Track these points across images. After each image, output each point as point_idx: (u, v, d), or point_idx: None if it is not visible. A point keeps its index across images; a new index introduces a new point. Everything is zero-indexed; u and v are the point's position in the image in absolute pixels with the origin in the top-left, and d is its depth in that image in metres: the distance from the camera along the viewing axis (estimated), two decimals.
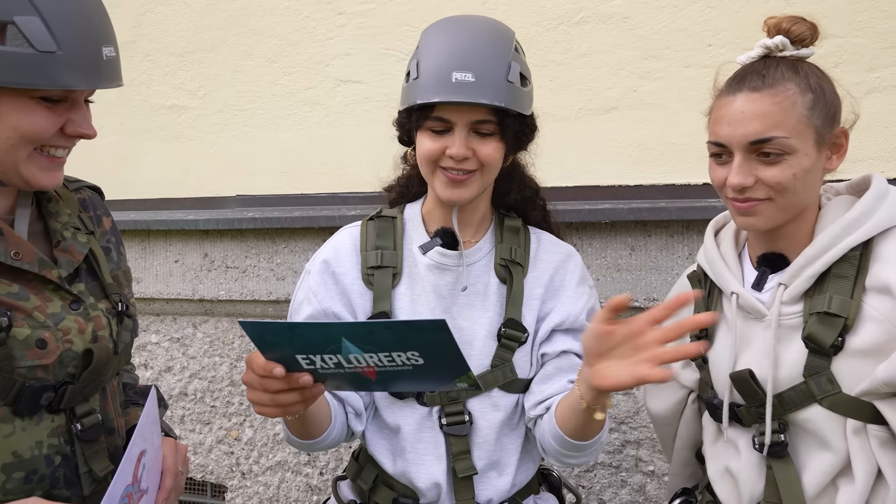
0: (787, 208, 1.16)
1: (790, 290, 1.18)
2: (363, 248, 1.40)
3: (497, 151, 1.31)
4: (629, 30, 2.20)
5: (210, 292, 2.51)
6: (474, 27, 1.33)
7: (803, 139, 1.13)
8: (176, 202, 2.65)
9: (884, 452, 1.11)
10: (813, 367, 1.15)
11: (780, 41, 1.19)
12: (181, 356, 2.60)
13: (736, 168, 1.15)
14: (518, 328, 1.35)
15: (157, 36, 2.67)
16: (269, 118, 2.56)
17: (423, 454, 1.35)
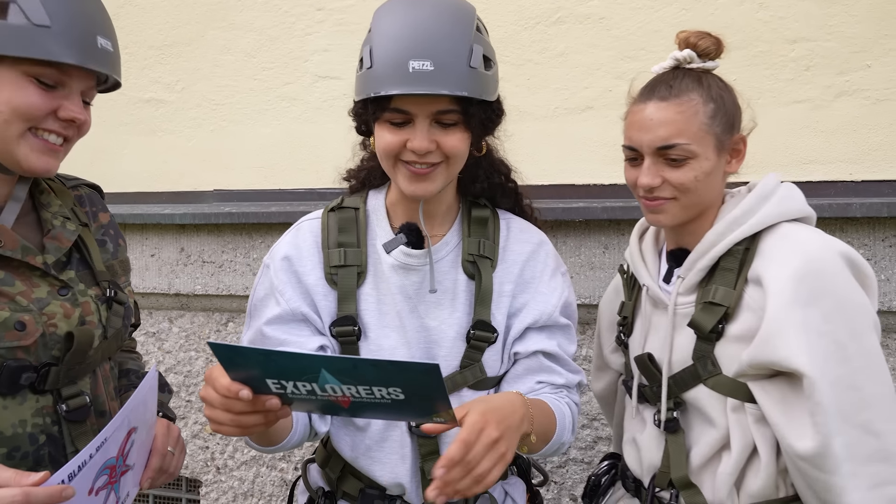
0: (690, 207, 1.28)
1: (685, 282, 1.31)
2: (325, 245, 1.33)
3: (462, 142, 1.24)
4: (606, 30, 2.22)
5: (186, 287, 2.51)
6: (432, 6, 1.23)
7: (704, 145, 1.25)
8: (153, 196, 2.64)
9: (758, 428, 1.23)
10: (700, 351, 1.28)
11: (688, 54, 1.30)
12: (157, 350, 2.59)
13: (645, 170, 1.27)
14: (488, 329, 1.31)
15: (135, 29, 2.66)
16: (247, 113, 2.55)
17: (388, 453, 1.33)
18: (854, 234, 1.97)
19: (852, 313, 1.17)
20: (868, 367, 1.15)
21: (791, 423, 1.17)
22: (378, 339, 1.31)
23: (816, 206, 1.93)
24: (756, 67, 2.11)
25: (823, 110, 2.07)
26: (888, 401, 1.15)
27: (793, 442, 1.16)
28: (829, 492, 1.14)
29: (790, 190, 1.31)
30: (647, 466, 1.38)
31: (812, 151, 2.09)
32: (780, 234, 1.24)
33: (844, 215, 1.94)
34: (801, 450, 1.14)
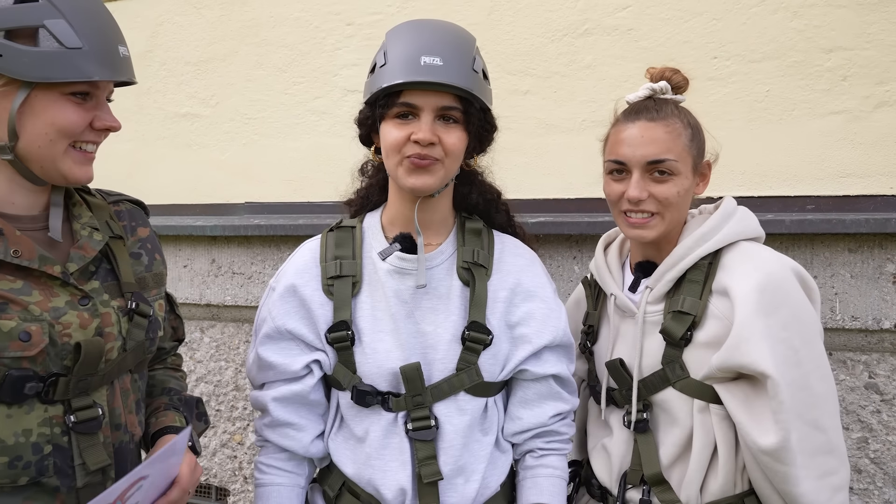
0: (670, 222, 1.39)
1: (654, 292, 1.41)
2: (322, 259, 1.40)
3: (461, 141, 1.32)
4: (633, 41, 2.19)
5: (217, 297, 2.55)
6: (440, 24, 1.37)
7: (685, 164, 1.38)
8: (187, 208, 2.70)
9: (720, 428, 1.34)
10: (669, 357, 1.38)
11: (664, 85, 1.43)
12: (189, 360, 2.64)
13: (635, 183, 1.36)
14: (482, 330, 1.34)
15: (173, 46, 2.73)
16: (278, 127, 2.60)
17: (388, 461, 1.34)
18: (893, 250, 1.89)
19: (804, 322, 1.31)
20: (817, 370, 1.29)
21: (754, 420, 1.28)
22: (372, 342, 1.35)
23: (853, 222, 1.88)
24: (790, 78, 2.05)
25: (861, 122, 1.99)
26: (833, 400, 1.31)
27: (756, 438, 1.27)
28: (786, 482, 1.26)
29: (746, 212, 1.45)
30: (617, 470, 1.45)
31: (849, 164, 2.00)
32: (741, 250, 1.38)
33: (883, 231, 1.86)
34: (765, 445, 1.26)
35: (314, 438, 1.42)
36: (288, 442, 1.41)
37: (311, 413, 1.42)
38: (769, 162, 2.07)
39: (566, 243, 2.17)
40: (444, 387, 1.34)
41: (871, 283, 1.91)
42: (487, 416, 1.39)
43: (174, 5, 2.72)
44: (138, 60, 2.79)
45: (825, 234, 1.94)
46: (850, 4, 1.99)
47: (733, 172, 2.10)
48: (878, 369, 1.92)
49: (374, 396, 1.34)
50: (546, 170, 2.30)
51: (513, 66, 2.30)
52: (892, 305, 1.89)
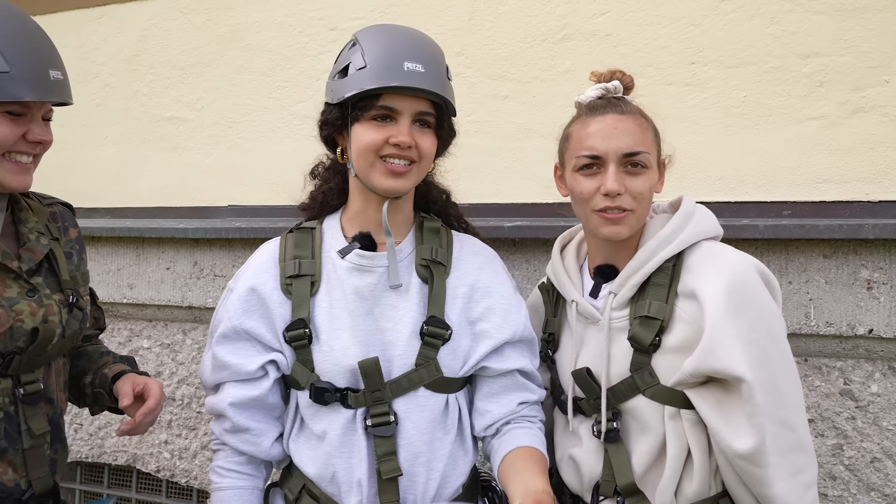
0: (641, 218, 1.38)
1: (618, 297, 1.38)
2: (282, 259, 1.42)
3: (434, 145, 1.37)
4: (612, 47, 2.19)
5: (199, 299, 2.56)
6: (413, 31, 1.41)
7: (653, 159, 1.38)
8: (171, 211, 2.71)
9: (693, 433, 1.32)
10: (637, 363, 1.35)
11: (616, 85, 1.43)
12: (171, 362, 2.64)
13: (613, 175, 1.33)
14: (441, 325, 1.36)
15: (160, 50, 2.75)
16: (261, 130, 2.61)
17: (348, 458, 1.34)
18: (868, 256, 1.88)
19: (770, 321, 1.30)
20: (784, 368, 1.29)
21: (728, 424, 1.27)
22: (330, 340, 1.36)
23: (827, 227, 1.87)
24: (767, 84, 2.05)
25: (838, 127, 1.99)
26: (799, 397, 1.31)
27: (732, 443, 1.25)
28: (761, 484, 1.26)
29: (705, 211, 1.43)
30: (588, 480, 1.42)
31: (826, 170, 2.00)
32: (704, 251, 1.36)
33: (857, 237, 1.85)
34: (741, 449, 1.25)
35: (273, 442, 1.43)
36: (247, 447, 1.41)
37: (268, 417, 1.43)
38: (746, 167, 2.07)
39: (543, 247, 2.17)
40: (403, 382, 1.34)
41: (846, 288, 1.90)
42: (448, 414, 1.39)
43: (161, 10, 2.74)
44: (125, 64, 2.82)
45: (800, 240, 1.93)
46: (826, 11, 2.00)
47: (710, 178, 2.10)
48: (853, 376, 1.91)
49: (333, 393, 1.34)
50: (525, 174, 2.30)
51: (492, 71, 2.31)
52: (867, 311, 1.88)
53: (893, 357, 1.88)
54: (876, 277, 1.88)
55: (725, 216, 2.05)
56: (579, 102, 1.45)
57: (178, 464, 2.63)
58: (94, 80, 2.85)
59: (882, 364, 1.89)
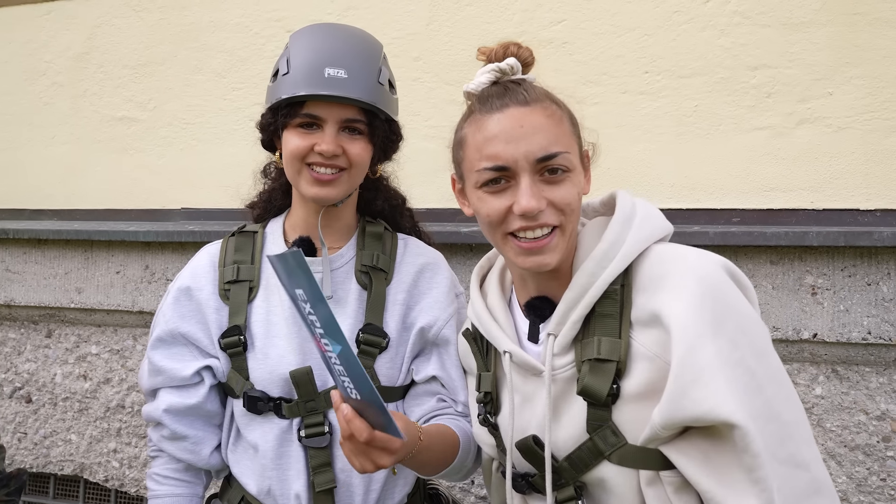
0: (571, 236, 1.07)
1: (559, 340, 1.06)
2: (221, 264, 1.39)
3: (365, 152, 1.31)
4: (568, 55, 2.22)
5: (150, 304, 2.50)
6: (346, 30, 1.35)
7: (575, 157, 1.06)
8: (122, 213, 2.65)
9: (679, 497, 1.00)
10: (595, 421, 1.03)
11: (513, 63, 1.10)
12: (120, 368, 2.58)
13: (526, 190, 1.01)
14: (378, 333, 1.33)
15: (111, 48, 2.69)
16: (216, 132, 2.56)
17: (285, 469, 1.31)
18: (813, 263, 1.94)
19: (752, 332, 1.00)
20: (780, 390, 0.99)
21: (726, 487, 0.95)
22: (265, 348, 1.33)
23: (774, 234, 1.93)
24: (717, 94, 2.10)
25: (784, 137, 2.05)
26: (804, 423, 1.00)
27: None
28: None
29: (648, 208, 1.12)
30: None
31: (773, 179, 2.06)
32: (655, 258, 1.05)
33: (802, 244, 1.91)
34: None
35: (213, 450, 1.40)
36: (186, 455, 1.38)
37: (207, 425, 1.40)
38: (697, 175, 2.11)
39: None
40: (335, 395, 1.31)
41: (792, 294, 1.96)
42: None
43: (112, 7, 2.68)
44: (74, 62, 2.74)
45: (748, 247, 1.98)
46: (774, 24, 2.06)
47: (663, 185, 2.14)
48: (798, 379, 1.97)
49: (266, 403, 1.31)
50: None
51: (450, 77, 2.32)
52: (811, 316, 1.94)
53: (836, 360, 1.94)
54: (820, 283, 1.94)
55: (678, 223, 2.07)
56: (468, 92, 1.11)
57: (127, 473, 2.56)
58: (42, 77, 2.77)
59: (826, 367, 1.95)
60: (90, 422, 2.61)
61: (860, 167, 1.99)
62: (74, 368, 2.63)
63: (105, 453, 2.59)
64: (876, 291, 1.90)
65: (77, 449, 2.62)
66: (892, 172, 1.97)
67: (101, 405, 2.59)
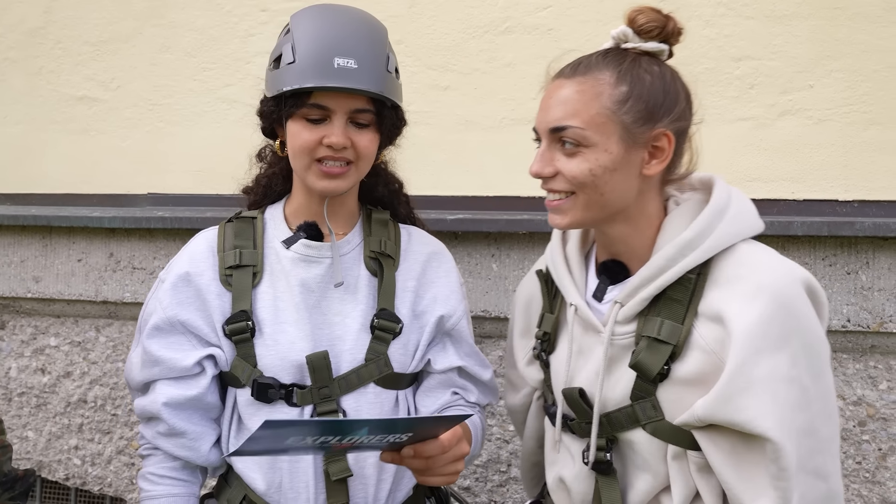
0: (593, 206, 1.10)
1: (624, 310, 1.13)
2: (220, 249, 1.33)
3: (373, 143, 1.29)
4: (553, 41, 2.20)
5: (115, 294, 2.38)
6: (352, 15, 1.30)
7: (603, 133, 1.07)
8: (82, 198, 2.51)
9: (701, 477, 1.09)
10: (639, 392, 1.11)
11: (622, 31, 1.13)
12: (82, 361, 2.45)
13: (538, 155, 1.12)
14: (392, 318, 1.31)
15: (70, 23, 2.54)
16: (185, 114, 2.45)
17: (295, 461, 1.27)
18: (795, 252, 1.97)
19: (816, 351, 1.05)
20: (824, 409, 1.05)
21: (746, 482, 1.02)
22: (274, 334, 1.29)
23: None
24: (702, 84, 2.07)
25: (767, 129, 2.08)
26: (836, 441, 1.07)
27: (748, 502, 1.03)
28: None
29: (743, 203, 1.14)
30: None
31: (755, 169, 2.09)
32: (737, 259, 1.07)
33: (786, 233, 1.93)
34: None
35: (211, 446, 1.34)
36: (184, 452, 1.32)
37: (205, 419, 1.34)
38: None
39: (485, 241, 2.15)
40: (352, 378, 1.29)
41: None
42: (397, 411, 1.34)
43: None
44: (29, 37, 2.58)
45: None
46: (757, 16, 2.07)
47: None
48: None
49: (277, 390, 1.27)
50: (465, 167, 2.27)
51: (433, 61, 2.27)
52: None
53: None
54: None
55: None
56: None
57: (90, 470, 2.45)
58: None
59: None
60: (49, 418, 2.47)
61: (839, 159, 2.03)
62: (31, 362, 2.49)
63: (65, 450, 2.47)
64: (855, 280, 1.94)
65: (34, 446, 2.49)
66: (869, 165, 2.02)
67: (61, 400, 2.46)
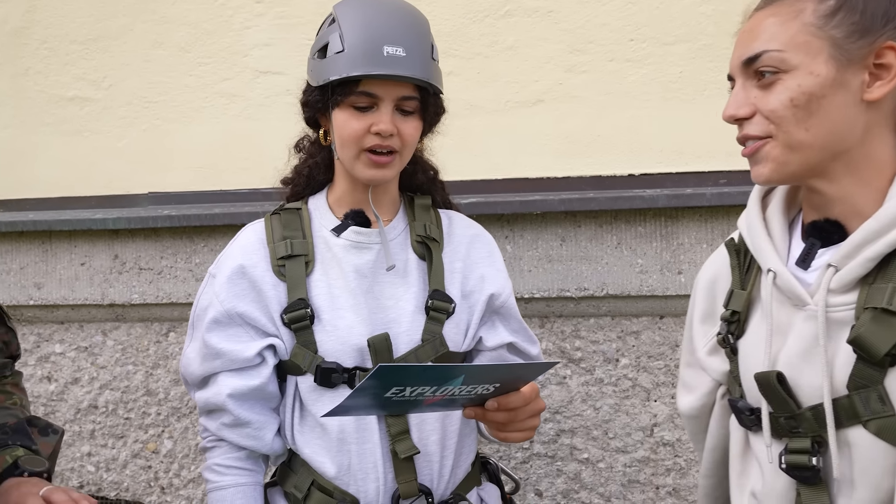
0: (799, 148, 0.90)
1: (842, 274, 0.89)
2: (270, 240, 1.35)
3: (417, 130, 1.32)
4: (554, 24, 2.23)
5: (122, 296, 2.35)
6: (397, 5, 1.33)
7: (807, 53, 0.88)
8: (80, 200, 2.46)
9: None
10: (860, 379, 0.87)
11: None
12: (90, 366, 2.41)
13: (731, 97, 0.94)
14: (445, 299, 1.34)
15: (55, 22, 2.47)
16: (182, 111, 2.42)
17: (362, 442, 1.30)
18: None
19: None
20: None
21: None
22: (333, 320, 1.31)
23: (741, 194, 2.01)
24: (701, 60, 2.16)
25: None
26: None
27: None
28: None
29: None
30: None
31: None
32: None
33: None
34: None
35: (274, 434, 1.36)
36: (250, 442, 1.33)
37: (266, 409, 1.35)
38: (684, 140, 2.18)
39: (498, 223, 2.18)
40: (410, 358, 1.32)
41: None
42: None
43: None
44: (13, 38, 2.51)
45: (739, 206, 2.06)
46: None
47: (652, 150, 2.20)
48: None
49: (341, 374, 1.29)
50: (472, 151, 2.29)
51: None
52: None
53: None
54: None
55: (668, 186, 2.15)
56: None
57: (105, 476, 2.41)
58: None
59: None
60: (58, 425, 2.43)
61: None
62: (36, 370, 2.44)
63: (77, 458, 2.43)
64: None
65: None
66: None
67: (70, 407, 2.42)
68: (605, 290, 2.12)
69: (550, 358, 2.16)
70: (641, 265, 2.12)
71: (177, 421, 2.37)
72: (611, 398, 2.16)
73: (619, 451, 2.16)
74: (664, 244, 2.12)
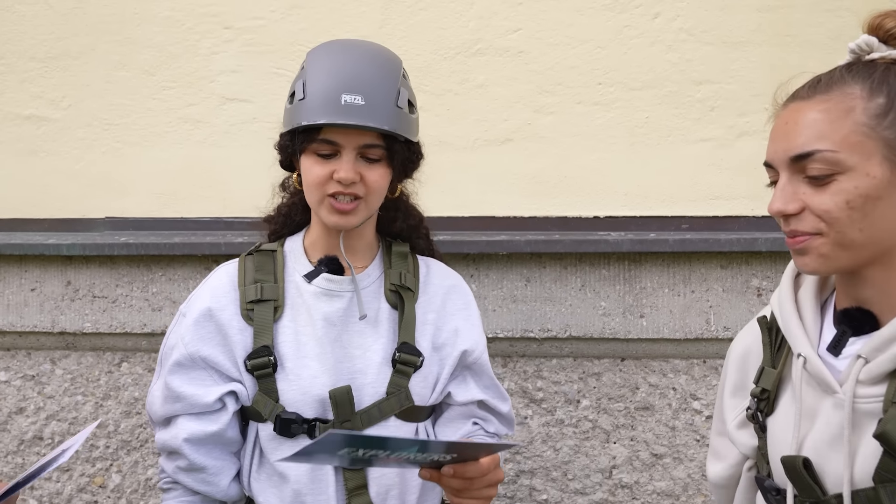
0: (850, 247, 0.90)
1: (871, 366, 0.89)
2: (241, 283, 1.34)
3: (383, 178, 1.30)
4: (524, 64, 2.25)
5: (73, 324, 2.27)
6: (364, 51, 1.33)
7: (861, 154, 0.88)
8: (32, 223, 2.38)
9: None
10: (887, 472, 0.86)
11: (864, 41, 0.93)
12: (36, 395, 2.32)
13: (778, 191, 0.93)
14: (413, 352, 1.33)
15: (14, 38, 2.40)
16: (144, 135, 2.36)
17: (319, 494, 1.27)
18: (758, 267, 2.09)
19: None
20: None
21: None
22: (296, 369, 1.29)
23: (727, 241, 2.05)
24: (666, 106, 2.20)
25: (727, 149, 2.19)
26: None
27: None
28: None
29: None
30: None
31: (717, 188, 2.20)
32: None
33: (751, 249, 2.05)
34: None
35: (231, 480, 1.33)
36: (204, 487, 1.31)
37: (225, 453, 1.33)
38: (649, 184, 2.21)
39: (464, 261, 2.18)
40: (374, 412, 1.30)
41: (740, 296, 2.10)
42: None
43: None
44: None
45: (701, 253, 2.11)
46: (715, 42, 2.19)
47: (617, 193, 2.23)
48: None
49: (300, 425, 1.27)
50: (439, 187, 2.26)
51: None
52: None
53: None
54: (764, 285, 2.10)
55: (632, 230, 2.18)
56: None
57: None
58: None
59: None
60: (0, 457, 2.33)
61: None
62: None
63: (20, 491, 2.32)
64: None
65: None
66: None
67: (14, 438, 2.32)
68: (569, 332, 2.13)
69: (517, 412, 2.15)
70: (604, 308, 2.14)
71: (126, 454, 2.30)
72: (571, 439, 2.17)
73: (578, 492, 2.16)
74: (627, 287, 2.15)
